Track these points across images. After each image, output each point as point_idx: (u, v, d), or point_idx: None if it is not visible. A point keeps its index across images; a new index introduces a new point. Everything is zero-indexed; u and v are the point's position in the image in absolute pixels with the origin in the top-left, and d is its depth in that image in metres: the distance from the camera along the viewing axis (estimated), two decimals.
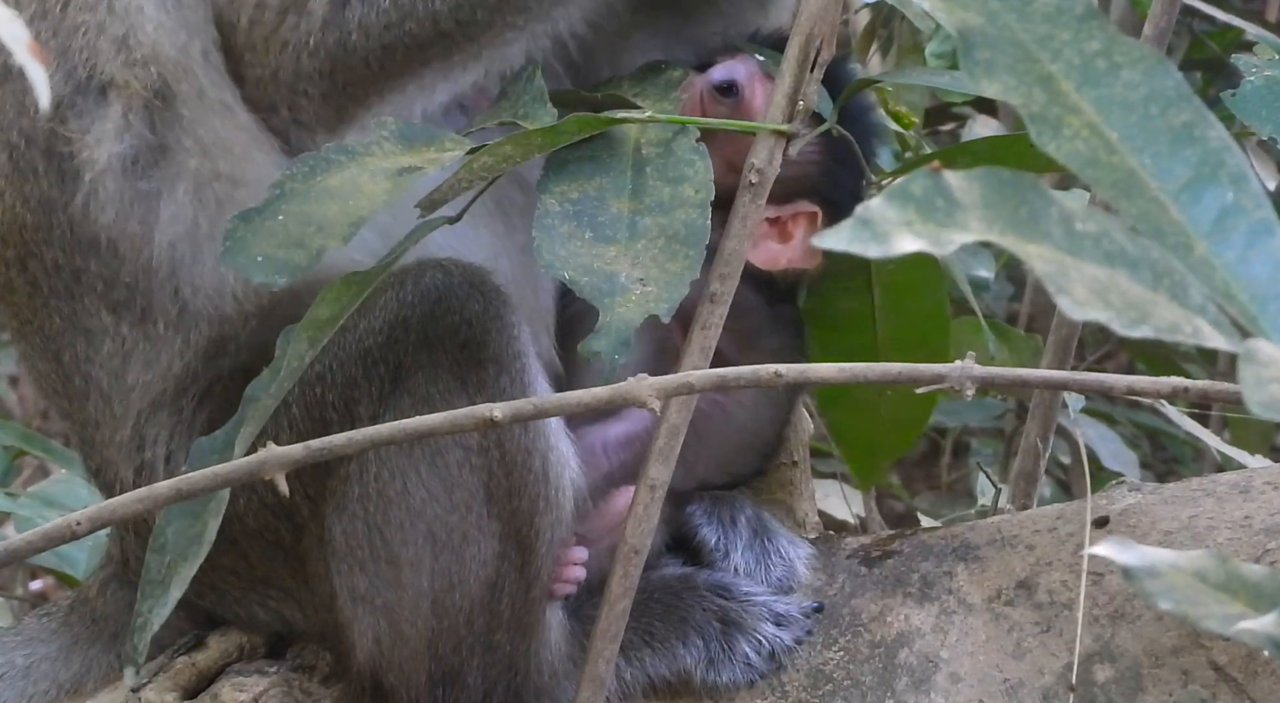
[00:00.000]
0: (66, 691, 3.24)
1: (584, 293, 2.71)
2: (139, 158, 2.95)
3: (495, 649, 2.97)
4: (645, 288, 2.71)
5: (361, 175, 2.76)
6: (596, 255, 2.74)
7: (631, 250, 2.75)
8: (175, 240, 2.96)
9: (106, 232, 2.96)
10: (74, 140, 2.95)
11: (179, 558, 2.67)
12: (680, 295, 2.70)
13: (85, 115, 2.95)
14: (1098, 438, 4.83)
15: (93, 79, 2.95)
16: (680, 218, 2.78)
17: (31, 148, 2.98)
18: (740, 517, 3.18)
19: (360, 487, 2.92)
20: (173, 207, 2.95)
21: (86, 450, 3.13)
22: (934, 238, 1.75)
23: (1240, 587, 1.82)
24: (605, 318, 2.68)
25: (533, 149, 2.81)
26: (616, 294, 2.71)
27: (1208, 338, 1.79)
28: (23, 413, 6.37)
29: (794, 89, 2.89)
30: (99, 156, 2.94)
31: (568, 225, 2.77)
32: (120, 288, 2.98)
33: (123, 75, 2.94)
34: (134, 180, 2.95)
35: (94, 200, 2.95)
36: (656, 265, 2.74)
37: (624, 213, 2.79)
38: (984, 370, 2.23)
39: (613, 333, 2.68)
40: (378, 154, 2.80)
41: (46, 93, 1.99)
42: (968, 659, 3.04)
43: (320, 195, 2.73)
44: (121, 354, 3.01)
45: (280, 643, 3.16)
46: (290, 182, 2.74)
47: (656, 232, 2.77)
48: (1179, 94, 1.93)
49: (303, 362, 2.67)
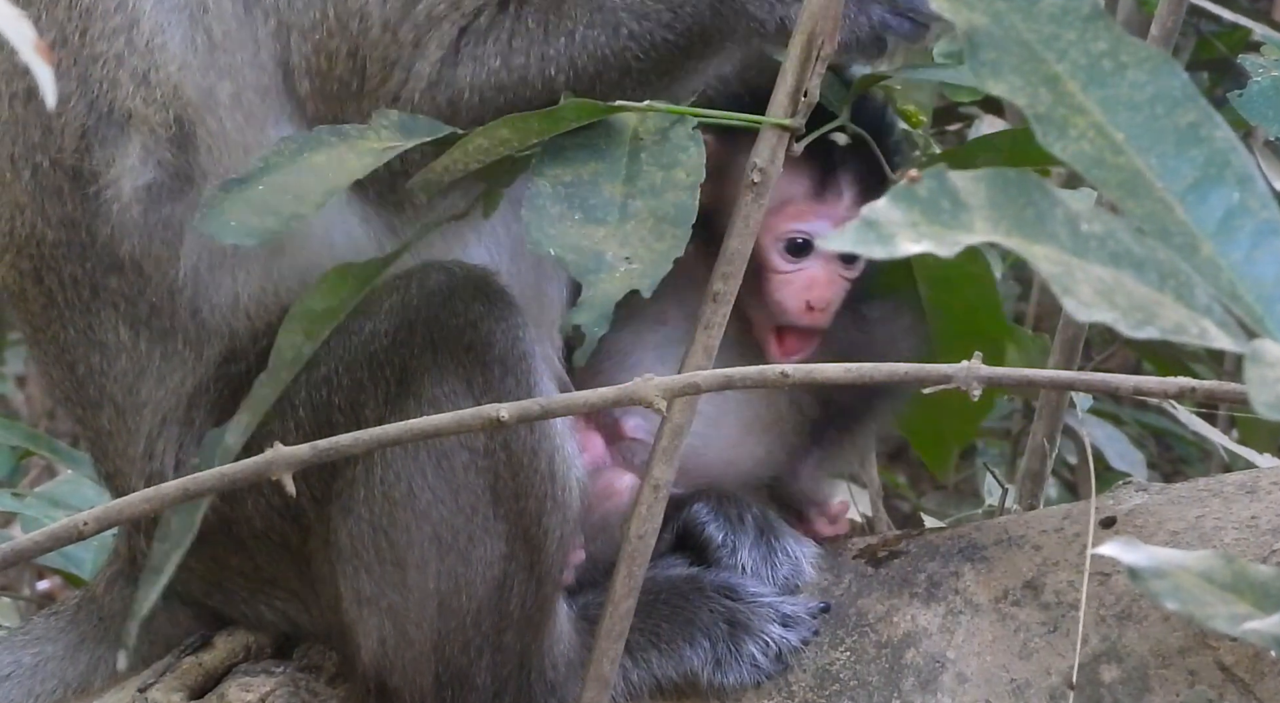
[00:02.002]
0: (74, 689, 3.24)
1: (570, 269, 2.72)
2: (163, 185, 2.94)
3: (505, 649, 2.97)
4: (630, 266, 2.72)
5: (348, 154, 2.77)
6: (585, 235, 2.75)
7: (620, 231, 2.76)
8: (198, 263, 2.96)
9: (131, 254, 2.96)
10: (100, 173, 2.95)
11: (174, 546, 2.67)
12: (663, 272, 2.71)
13: (109, 145, 2.94)
14: (1104, 438, 4.82)
15: (113, 111, 2.94)
16: (670, 199, 2.79)
17: (57, 170, 2.98)
18: (746, 515, 3.18)
19: (366, 489, 2.92)
20: (196, 232, 2.95)
21: (99, 456, 3.14)
22: (939, 239, 1.75)
23: (1247, 587, 1.82)
24: (588, 293, 2.70)
25: (530, 133, 2.81)
26: (602, 271, 2.72)
27: (1214, 338, 1.79)
28: (29, 413, 6.37)
29: (796, 86, 2.89)
30: (124, 188, 2.94)
31: (559, 207, 2.78)
32: (143, 306, 2.98)
33: (141, 110, 2.93)
34: (159, 206, 2.94)
35: (121, 227, 2.95)
36: (644, 245, 2.75)
37: (616, 197, 2.80)
38: (990, 370, 2.24)
39: (595, 307, 2.69)
40: (372, 138, 2.81)
41: (52, 91, 2.00)
42: (974, 660, 3.04)
43: (303, 169, 2.74)
44: (137, 370, 3.02)
45: (287, 643, 3.16)
46: (276, 156, 2.75)
47: (646, 213, 2.78)
48: (1185, 94, 1.93)
49: (299, 353, 2.67)
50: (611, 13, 2.93)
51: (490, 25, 2.94)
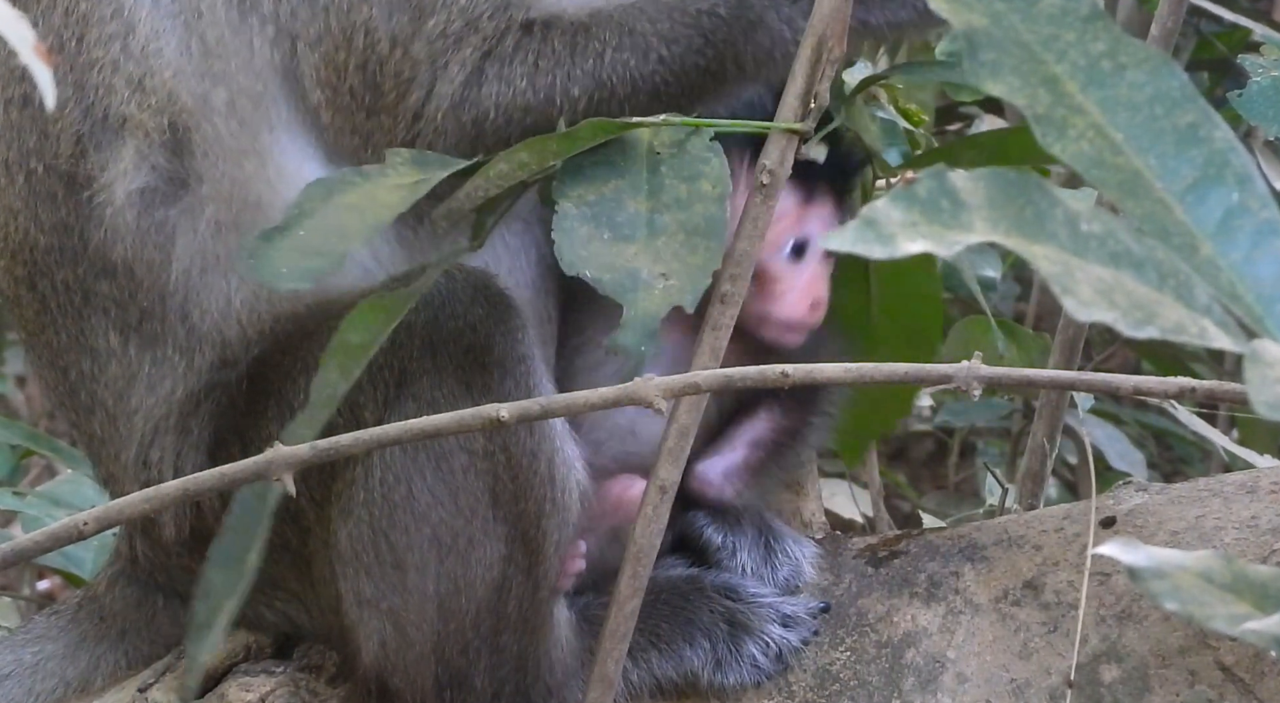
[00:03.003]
0: (74, 688, 3.25)
1: (606, 290, 2.72)
2: (157, 189, 2.95)
3: (502, 651, 2.97)
4: (668, 282, 2.72)
5: (378, 191, 2.78)
6: (617, 253, 2.75)
7: (651, 247, 2.76)
8: (190, 267, 2.96)
9: (123, 258, 2.97)
10: (94, 177, 2.96)
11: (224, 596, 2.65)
12: (703, 286, 2.72)
13: (104, 149, 2.95)
14: (1105, 438, 4.82)
15: (108, 117, 2.95)
16: (699, 212, 2.79)
17: (51, 175, 2.99)
18: (745, 517, 3.18)
19: (366, 491, 2.92)
20: (189, 236, 2.95)
21: (95, 460, 3.15)
22: (939, 239, 1.75)
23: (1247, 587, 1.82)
24: (629, 312, 2.70)
25: (549, 155, 2.82)
26: (639, 289, 2.72)
27: (1213, 338, 1.79)
28: (29, 413, 6.37)
29: (806, 88, 2.89)
30: (118, 192, 2.95)
31: (586, 227, 2.78)
32: (133, 311, 2.99)
33: (137, 115, 2.94)
34: (152, 210, 2.95)
35: (113, 232, 2.96)
36: (678, 260, 2.75)
37: (642, 212, 2.80)
38: (990, 370, 2.23)
39: (637, 326, 2.69)
40: (392, 176, 2.82)
41: (52, 93, 2.00)
42: (974, 660, 3.04)
43: (339, 210, 2.75)
44: (127, 377, 3.02)
45: (287, 643, 3.16)
46: (309, 202, 2.76)
47: (676, 227, 2.78)
48: (1184, 94, 1.93)
49: (334, 391, 2.64)
50: (642, 37, 2.94)
51: (516, 48, 2.94)
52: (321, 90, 2.95)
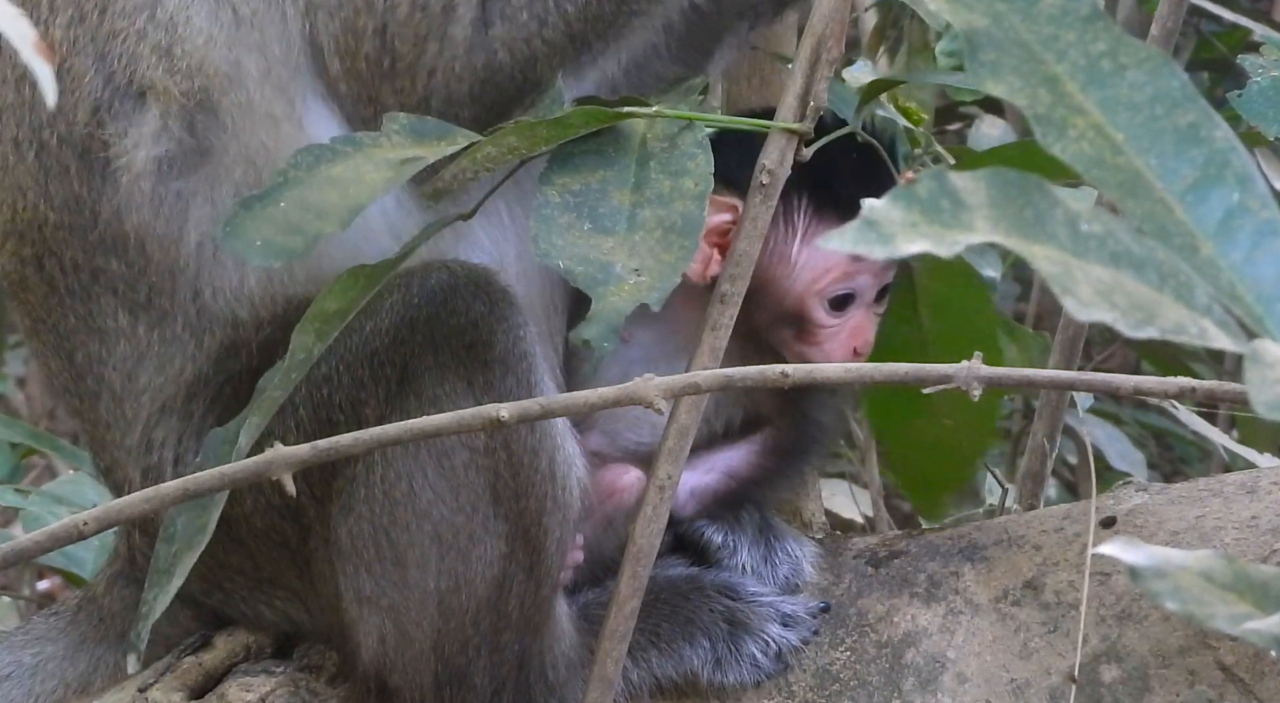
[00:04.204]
0: (74, 689, 3.25)
1: (578, 282, 2.72)
2: (176, 159, 2.95)
3: (503, 649, 2.97)
4: (639, 278, 2.71)
5: (365, 165, 2.76)
6: (594, 246, 2.75)
7: (629, 242, 2.76)
8: (202, 239, 2.96)
9: (136, 231, 2.97)
10: (111, 143, 2.96)
11: (184, 547, 2.68)
12: (672, 285, 2.71)
13: (123, 118, 2.96)
14: (1104, 438, 4.82)
15: (132, 83, 2.95)
16: (678, 209, 2.78)
17: (64, 147, 2.98)
18: (745, 516, 3.18)
19: (366, 488, 2.92)
20: (208, 207, 2.95)
21: (96, 449, 3.14)
22: (939, 239, 1.75)
23: (1247, 587, 1.82)
24: (597, 306, 2.69)
25: (538, 141, 2.81)
26: (610, 283, 2.71)
27: (1213, 339, 1.79)
28: (30, 413, 6.37)
29: (805, 89, 2.89)
30: (136, 159, 2.95)
31: (567, 216, 2.78)
32: (142, 288, 2.99)
33: (163, 82, 2.94)
34: (170, 181, 2.95)
35: (128, 201, 2.96)
36: (652, 256, 2.74)
37: (624, 205, 2.80)
38: (990, 370, 2.23)
39: (603, 321, 2.69)
40: (385, 146, 2.80)
41: (52, 90, 2.00)
42: (974, 660, 3.04)
43: (322, 183, 2.73)
44: (135, 356, 3.02)
45: (287, 643, 3.16)
46: (294, 170, 2.75)
47: (655, 223, 2.78)
48: (1184, 94, 1.93)
49: (310, 354, 2.67)
50: None
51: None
52: (340, 59, 2.97)
